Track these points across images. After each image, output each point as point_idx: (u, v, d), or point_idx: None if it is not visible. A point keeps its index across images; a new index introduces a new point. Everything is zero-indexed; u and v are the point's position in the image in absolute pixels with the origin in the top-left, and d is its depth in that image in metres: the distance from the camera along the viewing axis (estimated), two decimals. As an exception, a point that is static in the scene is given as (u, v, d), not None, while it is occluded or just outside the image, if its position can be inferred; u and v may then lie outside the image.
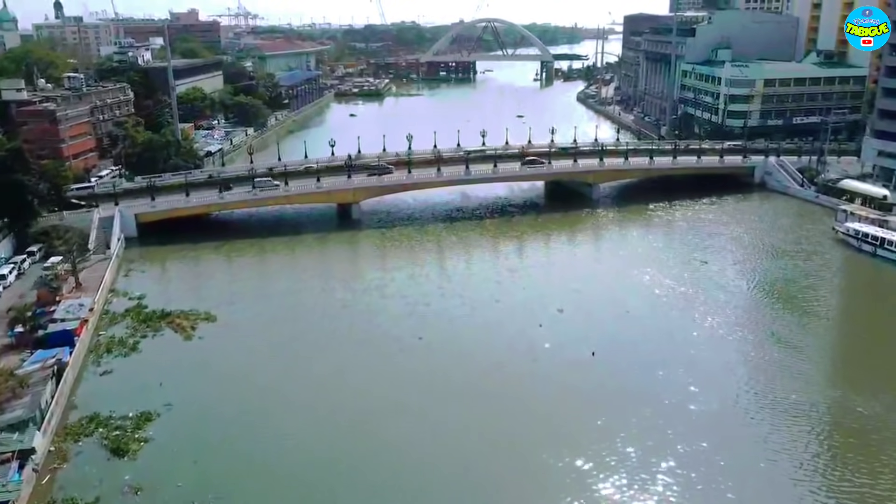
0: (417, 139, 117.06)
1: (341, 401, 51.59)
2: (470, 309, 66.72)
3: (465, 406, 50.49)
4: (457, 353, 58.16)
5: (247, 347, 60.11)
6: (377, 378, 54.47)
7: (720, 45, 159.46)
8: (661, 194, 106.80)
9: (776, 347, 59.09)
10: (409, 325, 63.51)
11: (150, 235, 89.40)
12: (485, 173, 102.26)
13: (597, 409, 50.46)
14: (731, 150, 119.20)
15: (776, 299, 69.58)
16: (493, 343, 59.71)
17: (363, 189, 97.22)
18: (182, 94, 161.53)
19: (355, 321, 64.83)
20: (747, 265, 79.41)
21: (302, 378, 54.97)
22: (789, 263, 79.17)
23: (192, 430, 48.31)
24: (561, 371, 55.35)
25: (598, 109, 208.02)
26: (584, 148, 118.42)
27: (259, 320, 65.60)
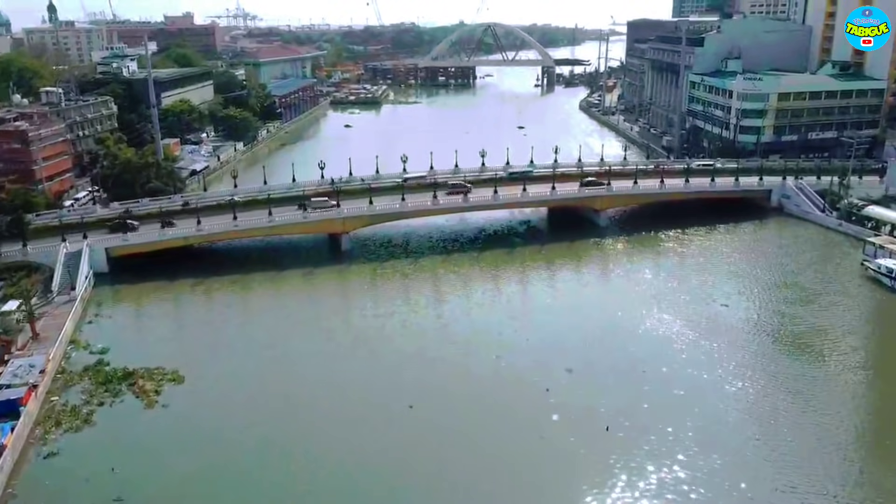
0: (415, 154, 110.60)
1: (320, 488, 44.88)
2: (467, 369, 59.75)
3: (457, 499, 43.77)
4: (451, 428, 51.23)
5: (215, 419, 53.27)
6: (362, 459, 47.64)
7: (730, 56, 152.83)
8: (672, 219, 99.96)
9: (811, 416, 52.31)
10: (400, 388, 56.65)
11: (123, 271, 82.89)
12: (485, 200, 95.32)
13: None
14: (746, 170, 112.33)
15: (808, 356, 62.14)
16: (493, 414, 52.79)
17: (353, 219, 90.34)
18: (168, 108, 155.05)
19: (342, 383, 57.93)
20: (772, 310, 72.15)
21: (274, 464, 47.89)
22: (818, 308, 71.88)
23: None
24: (571, 451, 48.53)
25: (602, 120, 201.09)
26: (589, 169, 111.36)
27: (232, 381, 58.73)
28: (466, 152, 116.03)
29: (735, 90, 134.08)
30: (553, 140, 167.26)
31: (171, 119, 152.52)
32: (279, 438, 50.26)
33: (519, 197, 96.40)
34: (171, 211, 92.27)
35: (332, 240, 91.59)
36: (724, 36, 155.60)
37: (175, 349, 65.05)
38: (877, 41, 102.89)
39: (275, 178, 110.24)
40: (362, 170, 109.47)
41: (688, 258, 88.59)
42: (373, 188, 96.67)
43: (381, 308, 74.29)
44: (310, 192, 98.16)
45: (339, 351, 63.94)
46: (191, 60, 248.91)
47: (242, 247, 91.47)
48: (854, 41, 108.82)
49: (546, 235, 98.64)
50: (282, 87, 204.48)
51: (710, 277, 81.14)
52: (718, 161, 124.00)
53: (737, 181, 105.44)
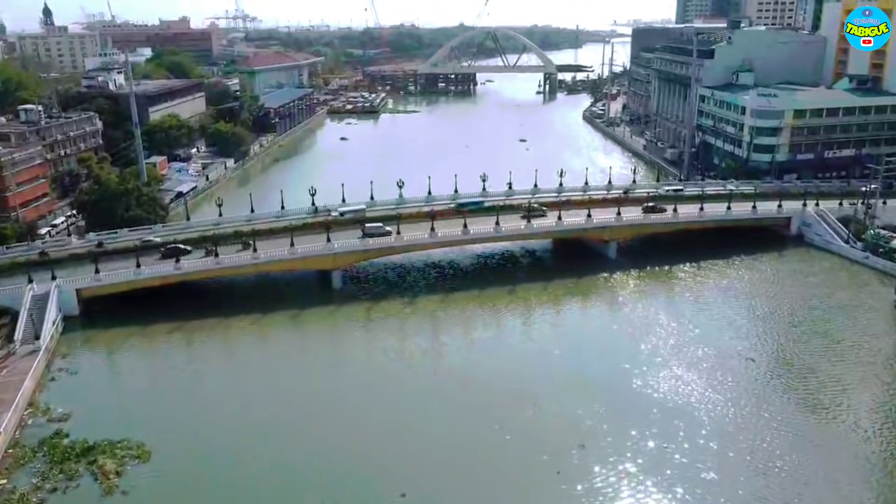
0: (412, 174, 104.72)
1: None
2: (467, 445, 53.25)
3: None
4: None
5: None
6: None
7: (741, 68, 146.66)
8: (686, 249, 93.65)
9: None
10: (392, 468, 50.31)
11: (95, 313, 76.94)
12: (485, 233, 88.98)
13: None
14: (763, 194, 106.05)
15: (853, 436, 55.47)
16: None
17: (345, 254, 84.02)
18: (156, 123, 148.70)
19: (329, 468, 51.36)
20: (805, 368, 64.67)
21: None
22: (856, 365, 65.00)
23: None
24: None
25: (606, 132, 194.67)
26: (596, 195, 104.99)
27: (203, 459, 52.45)
28: (467, 172, 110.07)
29: (748, 107, 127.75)
30: (556, 155, 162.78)
31: (158, 136, 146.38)
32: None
33: (522, 229, 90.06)
34: (151, 246, 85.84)
35: (323, 274, 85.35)
36: (735, 48, 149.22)
37: (145, 413, 58.82)
38: (877, 41, 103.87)
39: (264, 204, 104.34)
40: (357, 194, 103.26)
41: (705, 298, 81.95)
42: (365, 219, 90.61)
43: (373, 361, 67.94)
44: (297, 223, 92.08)
45: (326, 423, 57.12)
46: (184, 68, 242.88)
47: (225, 282, 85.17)
48: (854, 41, 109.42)
49: (551, 268, 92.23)
50: (276, 98, 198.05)
51: (731, 323, 74.54)
52: (732, 183, 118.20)
53: (754, 208, 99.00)
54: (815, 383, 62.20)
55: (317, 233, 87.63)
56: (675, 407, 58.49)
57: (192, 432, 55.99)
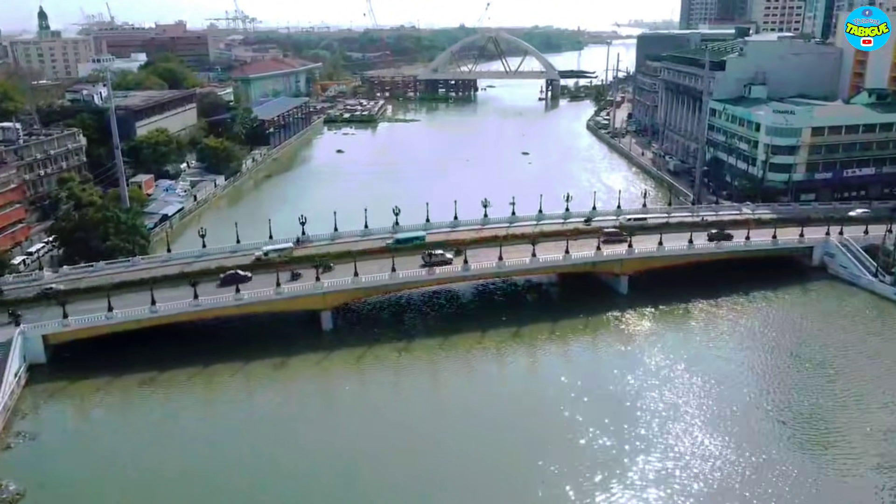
0: (411, 191, 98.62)
1: None
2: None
3: None
4: None
5: None
6: None
7: (754, 81, 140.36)
8: (701, 283, 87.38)
9: None
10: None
11: (65, 360, 71.10)
12: (486, 269, 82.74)
13: None
14: (781, 220, 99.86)
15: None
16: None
17: (336, 294, 77.82)
18: (143, 139, 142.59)
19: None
20: (846, 438, 58.06)
21: None
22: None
23: None
24: None
25: (612, 143, 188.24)
26: (607, 225, 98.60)
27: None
28: (467, 191, 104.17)
29: (763, 123, 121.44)
30: (560, 169, 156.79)
31: (145, 152, 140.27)
32: None
33: (527, 264, 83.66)
34: (129, 283, 79.66)
35: (312, 314, 79.10)
36: (747, 59, 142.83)
37: (107, 491, 52.70)
38: (877, 41, 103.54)
39: (252, 231, 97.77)
40: (351, 220, 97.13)
41: (725, 343, 75.50)
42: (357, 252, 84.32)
43: (366, 417, 61.95)
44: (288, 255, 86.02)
45: (315, 487, 51.74)
46: (178, 75, 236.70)
47: (207, 325, 78.86)
48: (854, 41, 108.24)
49: (558, 305, 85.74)
50: (270, 109, 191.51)
51: (754, 373, 68.28)
52: (747, 206, 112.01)
53: (774, 238, 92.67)
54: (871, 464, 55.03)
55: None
56: (693, 476, 52.29)
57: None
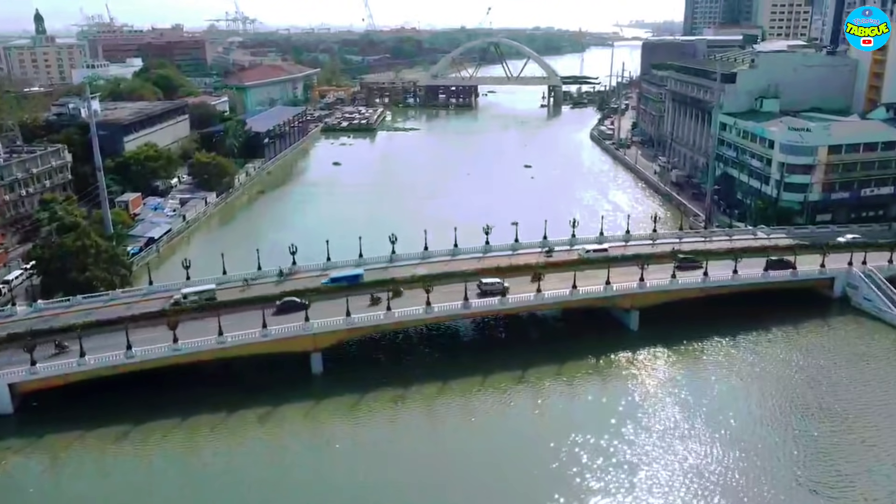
0: (409, 210, 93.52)
1: None
2: None
3: None
4: None
5: None
6: None
7: (766, 94, 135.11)
8: (716, 317, 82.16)
9: None
10: None
11: (34, 410, 66.00)
12: (489, 305, 77.34)
13: None
14: (800, 246, 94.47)
15: None
16: None
17: (326, 335, 72.43)
18: (131, 154, 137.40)
19: None
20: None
21: None
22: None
23: None
24: None
25: (617, 155, 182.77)
26: (614, 249, 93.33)
27: None
28: (468, 210, 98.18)
29: (777, 141, 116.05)
30: (563, 184, 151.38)
31: (134, 169, 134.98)
32: None
33: (532, 300, 78.26)
34: (105, 323, 74.29)
35: (301, 355, 73.66)
36: (758, 71, 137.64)
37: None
38: (877, 41, 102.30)
39: (241, 259, 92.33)
40: (345, 247, 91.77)
41: (747, 392, 69.77)
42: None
43: (360, 475, 56.79)
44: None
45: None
46: (173, 82, 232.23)
47: (189, 366, 73.43)
48: (854, 41, 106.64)
49: (565, 344, 79.71)
50: (265, 120, 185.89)
51: (782, 431, 62.64)
52: (762, 229, 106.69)
53: (794, 269, 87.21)
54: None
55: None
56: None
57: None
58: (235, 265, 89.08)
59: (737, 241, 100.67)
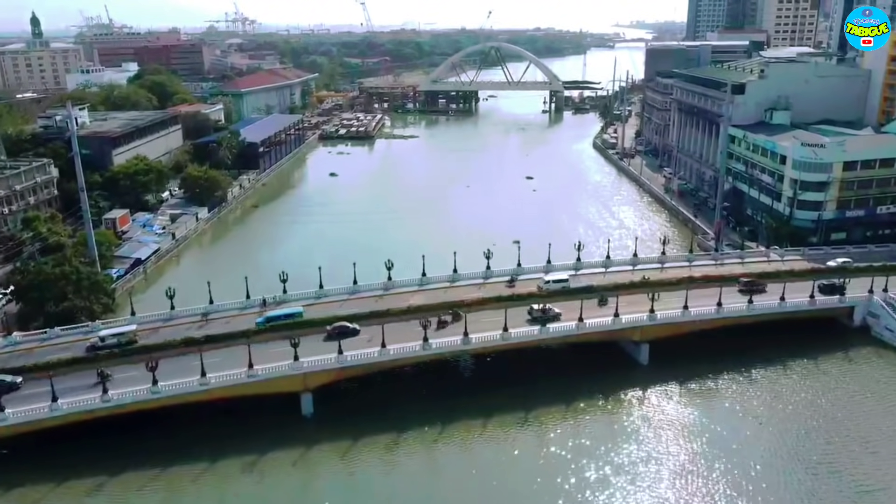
0: (406, 229, 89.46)
1: None
2: None
3: None
4: None
5: None
6: None
7: (776, 106, 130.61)
8: (730, 348, 77.96)
9: None
10: None
11: (2, 458, 61.49)
12: (490, 340, 72.84)
13: None
14: (817, 270, 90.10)
15: None
16: None
17: (317, 374, 67.98)
18: (120, 168, 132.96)
19: None
20: None
21: None
22: None
23: None
24: None
25: (621, 166, 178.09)
26: (622, 275, 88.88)
27: None
28: (469, 227, 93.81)
29: (790, 157, 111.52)
30: (566, 197, 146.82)
31: (123, 183, 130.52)
32: None
33: (536, 334, 73.78)
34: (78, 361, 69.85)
35: (290, 395, 69.16)
36: (768, 82, 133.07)
37: None
38: (877, 41, 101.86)
39: (230, 282, 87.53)
40: (339, 272, 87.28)
41: (766, 431, 65.46)
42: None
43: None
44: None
45: None
46: (168, 88, 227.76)
47: (168, 411, 68.81)
48: (854, 41, 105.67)
49: (571, 379, 74.95)
50: (260, 129, 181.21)
51: (811, 476, 58.27)
52: (775, 251, 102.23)
53: (812, 298, 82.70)
54: None
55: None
56: None
57: None
58: (224, 291, 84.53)
59: (749, 264, 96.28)
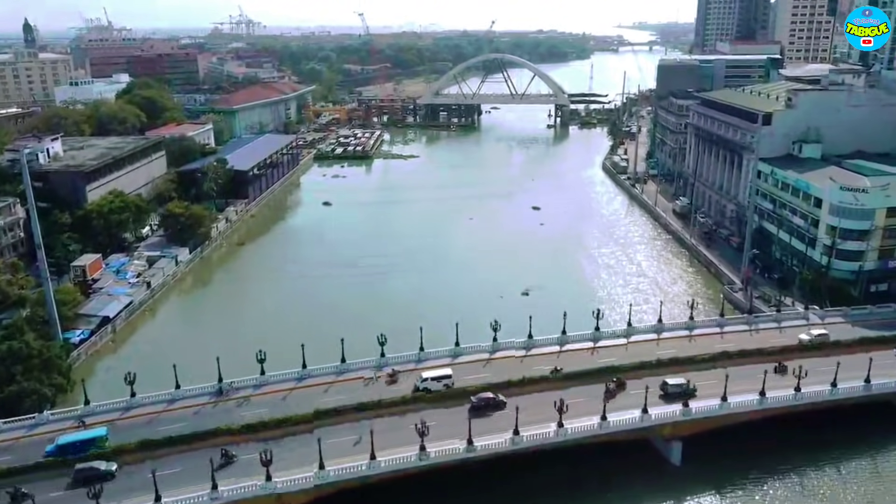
0: (403, 277, 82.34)
1: None
2: None
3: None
4: None
5: None
6: None
7: (806, 138, 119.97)
8: (775, 445, 67.54)
9: None
10: None
11: None
12: (498, 446, 62.22)
13: None
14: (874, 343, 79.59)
15: None
16: None
17: (295, 494, 57.37)
18: (93, 207, 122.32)
19: None
20: None
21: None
22: None
23: None
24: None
25: (633, 194, 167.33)
26: (645, 347, 78.29)
27: None
28: (473, 272, 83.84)
29: (826, 199, 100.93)
30: (575, 231, 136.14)
31: (96, 224, 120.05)
32: None
33: (551, 437, 63.11)
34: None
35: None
36: (797, 112, 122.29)
37: None
38: (877, 41, 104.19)
39: (204, 354, 76.80)
40: (325, 346, 76.67)
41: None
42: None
43: None
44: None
45: None
46: (157, 104, 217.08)
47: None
48: (854, 41, 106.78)
49: (594, 486, 64.43)
50: (251, 154, 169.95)
51: None
52: (814, 311, 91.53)
53: (867, 382, 72.03)
54: None
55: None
56: None
57: None
58: (199, 362, 74.30)
59: (787, 329, 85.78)
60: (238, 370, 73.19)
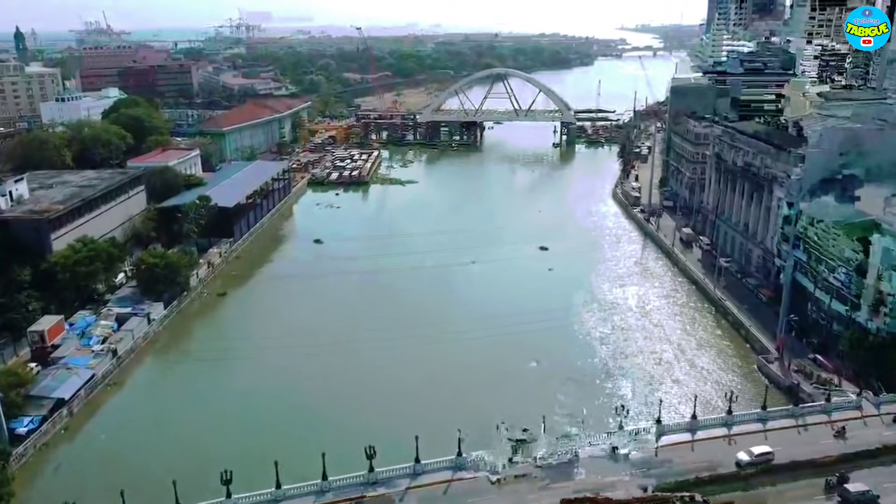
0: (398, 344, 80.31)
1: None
2: None
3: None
4: None
5: None
6: None
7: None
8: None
9: None
10: None
11: None
12: None
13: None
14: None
15: None
16: None
17: None
18: (58, 257, 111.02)
19: None
20: None
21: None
22: None
23: None
24: None
25: (647, 230, 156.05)
26: (681, 454, 66.89)
27: None
28: (470, 357, 74.45)
29: (875, 250, 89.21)
30: (586, 278, 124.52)
31: (61, 277, 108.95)
32: None
33: None
34: None
35: None
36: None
37: None
38: (877, 41, 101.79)
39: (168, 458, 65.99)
40: (302, 455, 65.68)
41: None
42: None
43: None
44: None
45: None
46: (145, 123, 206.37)
47: None
48: (854, 41, 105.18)
49: None
50: (236, 188, 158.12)
51: None
52: (867, 396, 79.91)
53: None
54: None
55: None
56: None
57: None
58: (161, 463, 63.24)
59: (836, 418, 74.35)
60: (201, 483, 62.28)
